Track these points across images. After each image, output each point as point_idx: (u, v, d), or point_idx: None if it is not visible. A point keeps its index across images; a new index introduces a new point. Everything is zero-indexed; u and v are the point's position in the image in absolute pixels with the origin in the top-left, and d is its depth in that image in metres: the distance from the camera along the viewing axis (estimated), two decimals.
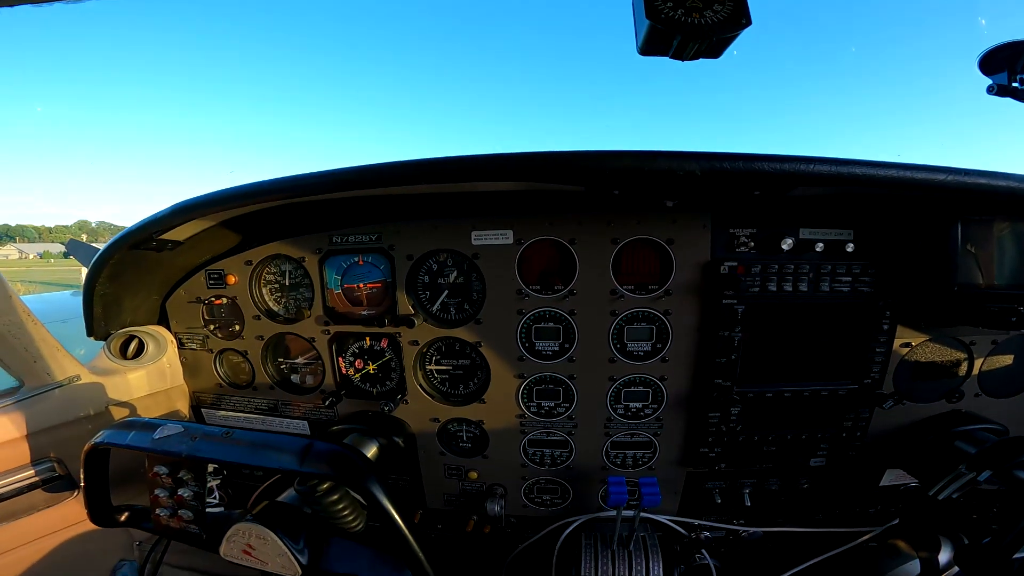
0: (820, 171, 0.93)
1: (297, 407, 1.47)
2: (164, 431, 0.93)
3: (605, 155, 0.93)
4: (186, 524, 0.99)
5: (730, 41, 0.76)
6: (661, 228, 1.18)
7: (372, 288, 1.34)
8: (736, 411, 1.21)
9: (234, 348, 1.46)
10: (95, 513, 1.03)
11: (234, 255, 1.39)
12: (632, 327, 1.23)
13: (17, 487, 1.17)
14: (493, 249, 1.24)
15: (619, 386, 1.27)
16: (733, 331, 1.17)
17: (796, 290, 1.16)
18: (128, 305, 1.39)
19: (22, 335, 1.16)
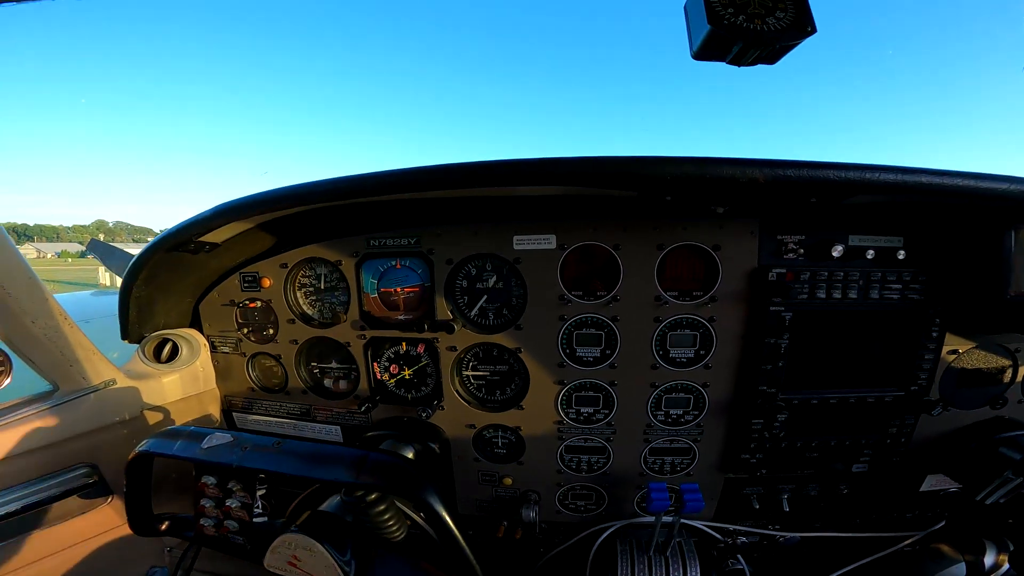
0: (885, 180, 0.91)
1: (330, 412, 1.45)
2: (213, 440, 0.92)
3: (666, 160, 0.91)
4: (232, 535, 0.98)
5: (790, 48, 0.74)
6: (708, 234, 1.16)
7: (409, 292, 1.32)
8: (782, 418, 1.19)
9: (267, 352, 1.44)
10: (136, 522, 1.01)
11: (269, 258, 1.37)
12: (675, 334, 1.22)
13: (52, 493, 1.15)
14: (535, 254, 1.22)
15: (660, 393, 1.26)
16: (780, 338, 1.15)
17: (845, 297, 1.14)
18: (162, 308, 1.38)
19: (58, 338, 1.15)
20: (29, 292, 1.08)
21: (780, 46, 0.73)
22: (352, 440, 1.45)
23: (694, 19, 0.74)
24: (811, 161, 0.91)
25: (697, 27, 0.73)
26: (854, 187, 0.93)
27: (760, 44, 0.72)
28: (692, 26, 0.75)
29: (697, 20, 0.73)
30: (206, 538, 0.99)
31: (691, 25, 0.75)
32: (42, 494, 1.14)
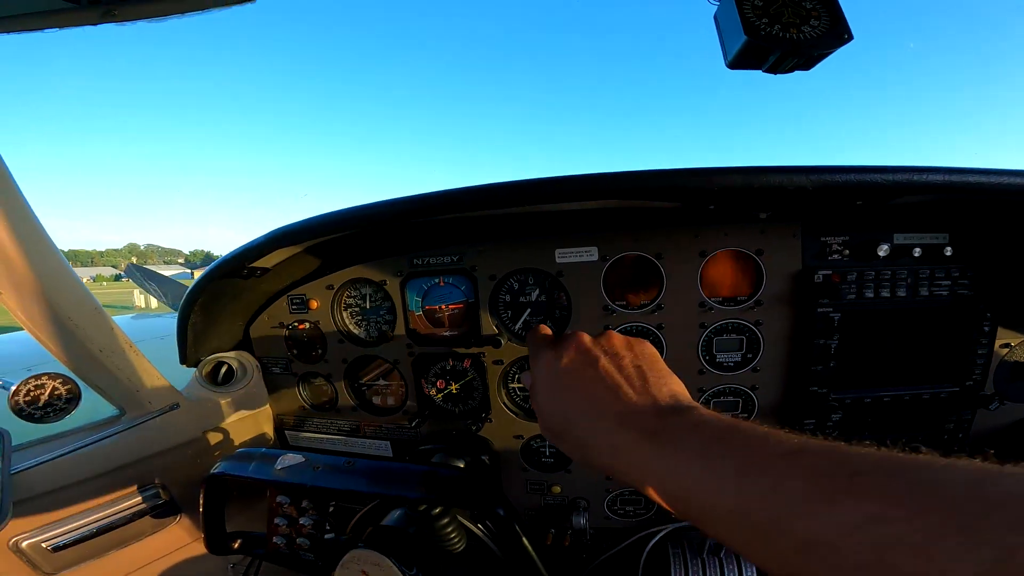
0: (933, 181, 0.92)
1: (379, 427, 1.49)
2: (286, 461, 0.95)
3: (712, 172, 0.93)
4: (303, 552, 1.01)
5: (827, 54, 0.75)
6: (750, 239, 1.17)
7: (454, 309, 1.35)
8: (836, 417, 1.19)
9: (317, 371, 1.48)
10: (212, 542, 1.05)
11: (315, 280, 1.41)
12: (721, 338, 1.23)
13: (126, 515, 1.20)
14: (578, 267, 1.24)
15: (708, 397, 1.26)
16: (830, 339, 1.15)
17: (894, 296, 1.14)
18: (215, 332, 1.43)
19: (124, 365, 1.20)
20: (95, 322, 1.13)
21: (818, 53, 0.74)
22: (402, 454, 1.48)
23: (727, 29, 0.75)
24: (858, 166, 0.92)
25: (731, 37, 0.74)
26: (902, 190, 0.93)
27: (799, 53, 0.73)
28: (725, 36, 0.76)
29: (731, 30, 0.74)
30: (279, 555, 1.03)
31: (724, 35, 0.77)
32: (117, 515, 1.18)
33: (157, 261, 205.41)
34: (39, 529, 1.09)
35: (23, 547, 1.06)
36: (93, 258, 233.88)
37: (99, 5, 0.79)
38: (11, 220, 0.92)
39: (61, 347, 1.10)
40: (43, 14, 0.79)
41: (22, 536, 1.06)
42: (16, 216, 0.93)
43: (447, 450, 1.36)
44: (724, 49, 0.77)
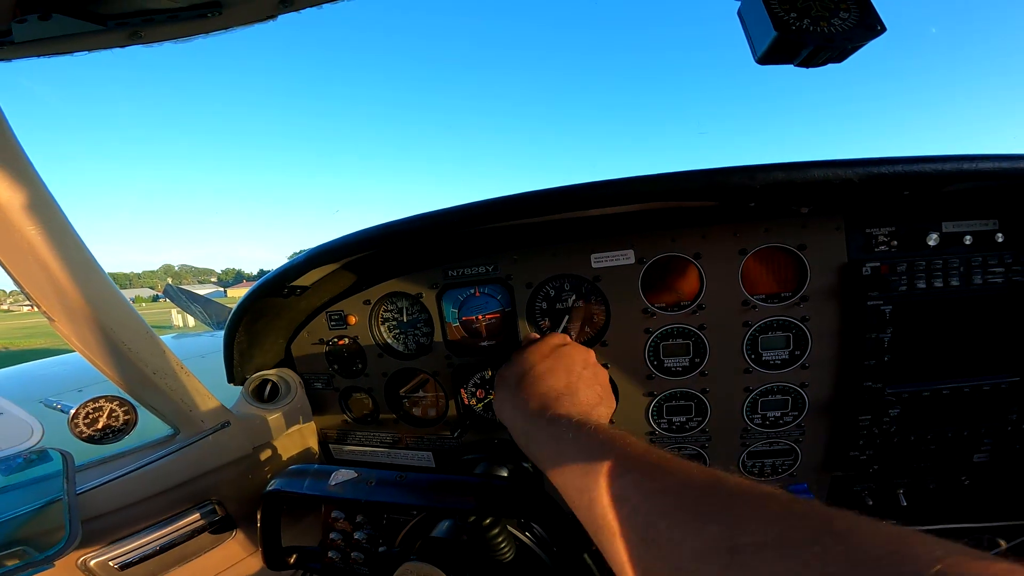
0: (984, 168, 0.89)
1: (420, 439, 1.50)
2: (339, 477, 0.97)
3: (754, 169, 0.91)
4: (357, 565, 1.03)
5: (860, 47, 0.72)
6: (791, 234, 1.14)
7: (491, 319, 1.35)
8: (894, 412, 1.15)
9: (358, 386, 1.50)
10: (270, 558, 1.08)
11: (352, 295, 1.43)
12: (767, 336, 1.20)
13: (188, 530, 1.24)
14: (615, 270, 1.23)
15: (756, 396, 1.24)
16: (882, 332, 1.12)
17: (947, 285, 1.10)
18: (259, 350, 1.46)
19: (177, 386, 1.24)
20: (147, 345, 1.17)
21: (851, 47, 0.71)
22: (445, 465, 1.49)
23: (753, 25, 0.73)
24: (905, 157, 0.90)
25: (759, 33, 0.72)
26: (952, 178, 0.91)
27: (831, 47, 0.71)
28: (752, 32, 0.74)
29: (758, 26, 0.72)
30: (334, 569, 1.05)
31: (750, 31, 0.74)
32: (178, 532, 1.22)
33: (191, 281, 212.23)
34: (106, 548, 1.13)
35: (91, 566, 1.10)
36: (131, 280, 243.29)
37: (126, 27, 0.82)
38: (61, 248, 0.96)
39: (116, 370, 1.14)
40: (72, 37, 0.82)
41: (90, 555, 1.11)
42: (66, 243, 0.97)
43: (490, 459, 1.37)
44: (752, 45, 0.75)
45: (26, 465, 1.11)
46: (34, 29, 0.77)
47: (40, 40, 0.82)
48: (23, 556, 0.91)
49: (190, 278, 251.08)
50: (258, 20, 0.89)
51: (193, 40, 0.92)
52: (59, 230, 0.95)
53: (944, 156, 0.89)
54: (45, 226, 0.92)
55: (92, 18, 0.78)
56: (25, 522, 0.99)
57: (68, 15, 0.75)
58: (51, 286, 0.98)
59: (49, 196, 0.92)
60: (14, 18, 0.73)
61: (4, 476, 1.09)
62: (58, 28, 0.78)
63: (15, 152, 0.85)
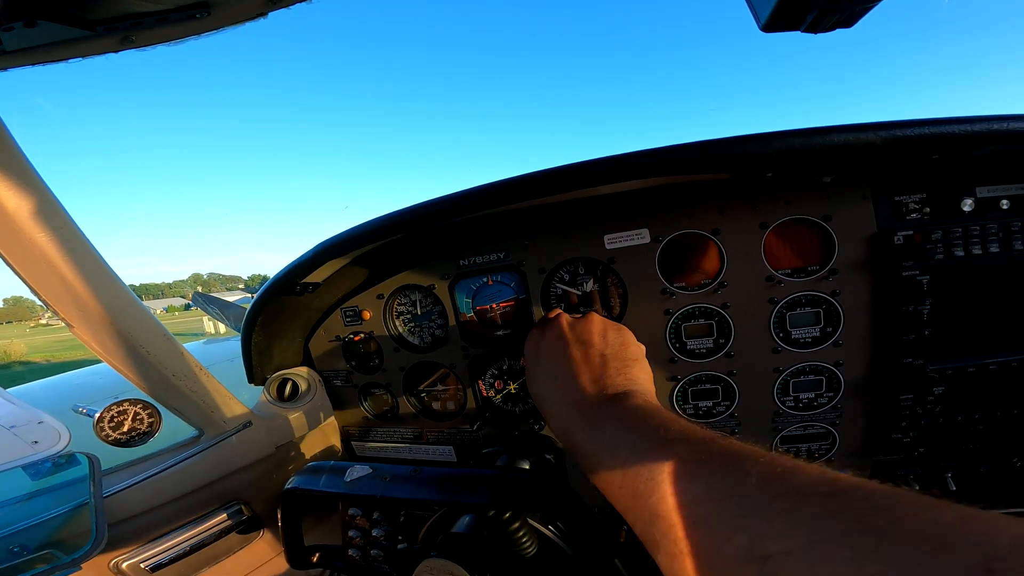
0: (1016, 128, 0.82)
1: (440, 433, 1.48)
2: (354, 473, 0.95)
3: (769, 136, 0.86)
4: (378, 563, 1.01)
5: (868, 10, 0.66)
6: (814, 205, 1.08)
7: (505, 307, 1.32)
8: (939, 390, 1.08)
9: (376, 381, 1.49)
10: (293, 556, 1.08)
11: (365, 290, 1.42)
12: (795, 313, 1.13)
13: (216, 531, 1.25)
14: (630, 251, 1.18)
15: (787, 377, 1.17)
16: (921, 304, 1.04)
17: (986, 252, 1.02)
18: (277, 350, 1.47)
19: (198, 388, 1.25)
20: (165, 349, 1.19)
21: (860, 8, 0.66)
22: (466, 458, 1.47)
23: None
24: (931, 119, 0.84)
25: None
26: (983, 140, 0.84)
27: (839, 9, 0.65)
28: None
29: None
30: (355, 567, 1.04)
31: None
32: (206, 533, 1.24)
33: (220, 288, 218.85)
34: (136, 550, 1.15)
35: (123, 568, 1.12)
36: (163, 290, 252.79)
37: (115, 32, 0.81)
38: (73, 254, 0.96)
39: (137, 374, 1.15)
40: (62, 44, 0.81)
41: (122, 557, 1.13)
42: (77, 249, 0.97)
43: (511, 451, 1.34)
44: (755, 12, 0.70)
45: (54, 470, 1.14)
46: (22, 37, 0.76)
47: (31, 48, 0.82)
48: (51, 559, 0.93)
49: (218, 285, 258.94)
50: (248, 19, 0.87)
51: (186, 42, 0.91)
52: (70, 236, 0.96)
53: (973, 117, 0.83)
54: (55, 232, 0.93)
55: (79, 23, 0.77)
56: (54, 526, 1.01)
57: (54, 21, 0.74)
58: (66, 292, 0.99)
59: (56, 202, 0.93)
60: (0, 27, 0.73)
61: (33, 480, 1.12)
62: (47, 35, 0.78)
63: (18, 160, 0.86)
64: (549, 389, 0.84)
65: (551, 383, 0.84)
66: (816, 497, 0.41)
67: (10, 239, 0.88)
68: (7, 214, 0.85)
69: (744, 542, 0.41)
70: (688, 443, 0.55)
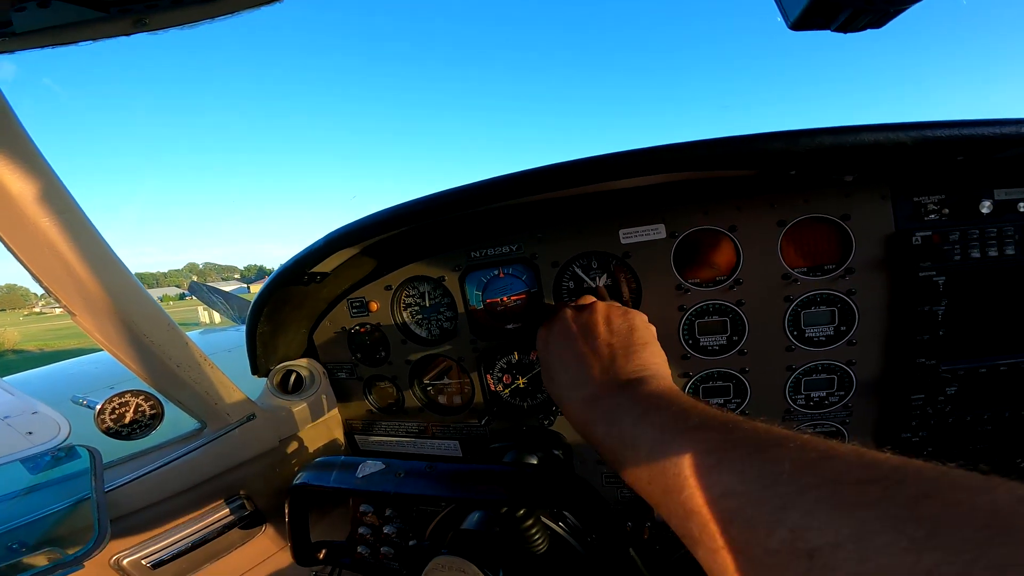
0: None
1: (446, 427, 1.47)
2: (366, 469, 0.93)
3: (798, 134, 0.85)
4: (388, 560, 1.00)
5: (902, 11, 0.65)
6: (833, 204, 1.07)
7: (516, 300, 1.31)
8: (951, 390, 1.08)
9: (381, 374, 1.47)
10: (299, 553, 1.06)
11: (373, 281, 1.40)
12: (810, 311, 1.13)
13: (219, 526, 1.23)
14: (645, 246, 1.17)
15: (799, 375, 1.17)
16: (936, 305, 1.04)
17: (1002, 254, 1.02)
18: (282, 341, 1.44)
19: (202, 379, 1.22)
20: (170, 338, 1.15)
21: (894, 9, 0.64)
22: (472, 454, 1.46)
23: None
24: (960, 120, 0.84)
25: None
26: (1010, 143, 0.84)
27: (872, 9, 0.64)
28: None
29: None
30: (364, 565, 1.02)
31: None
32: (209, 528, 1.21)
33: (215, 278, 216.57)
34: (138, 546, 1.12)
35: (124, 564, 1.10)
36: (157, 280, 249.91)
37: (129, 13, 0.78)
38: (78, 240, 0.93)
39: (140, 364, 1.12)
40: (74, 25, 0.78)
41: (123, 553, 1.10)
42: (82, 235, 0.94)
43: (518, 447, 1.33)
44: (783, 9, 0.69)
45: (54, 463, 1.11)
46: (35, 18, 0.73)
47: (42, 30, 0.79)
48: (52, 556, 0.90)
49: (214, 275, 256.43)
50: (265, 2, 0.84)
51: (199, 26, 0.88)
52: (75, 222, 0.92)
53: (1002, 120, 0.83)
54: (60, 217, 0.89)
55: (93, 4, 0.74)
56: (54, 521, 0.98)
57: (68, 1, 0.71)
58: (70, 279, 0.96)
59: (62, 187, 0.89)
60: (13, 6, 0.70)
61: (32, 474, 1.08)
62: (59, 16, 0.75)
63: (24, 144, 0.82)
64: (562, 386, 0.81)
65: (563, 380, 0.81)
66: (858, 485, 0.39)
67: (12, 223, 0.85)
68: (10, 197, 0.82)
69: (786, 536, 0.39)
70: (711, 430, 0.53)
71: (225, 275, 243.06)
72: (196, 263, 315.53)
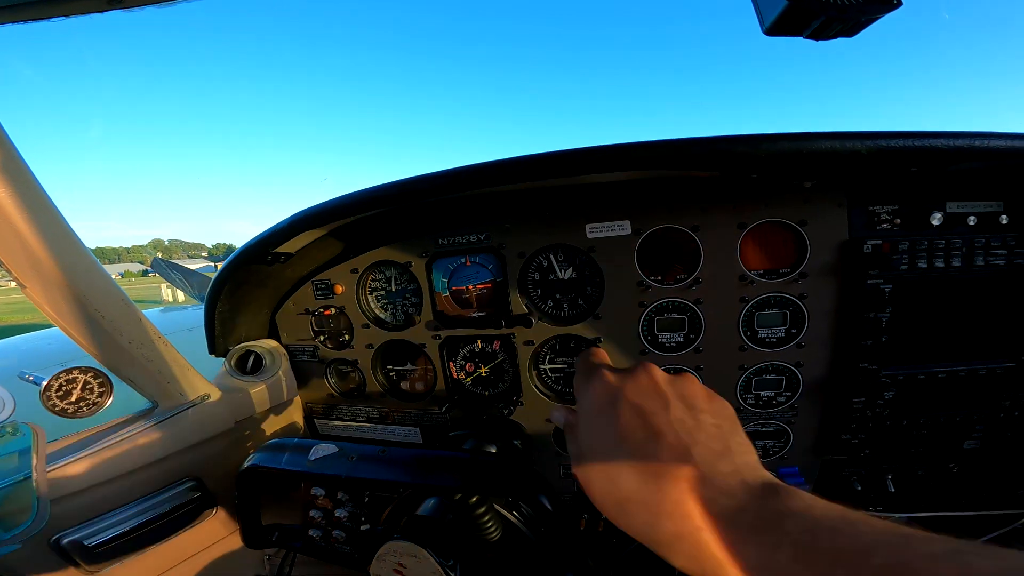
0: (995, 146, 0.86)
1: (408, 414, 1.47)
2: (319, 452, 0.93)
3: (760, 138, 0.87)
4: (339, 544, 1.00)
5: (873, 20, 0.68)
6: (792, 209, 1.10)
7: (482, 289, 1.31)
8: (889, 395, 1.13)
9: (344, 358, 1.46)
10: (249, 536, 1.05)
11: (339, 264, 1.39)
12: (763, 313, 1.17)
13: (164, 509, 1.20)
14: (610, 241, 1.19)
15: (750, 375, 1.21)
16: (881, 312, 1.09)
17: (948, 266, 1.07)
18: (242, 320, 1.42)
19: (154, 357, 1.19)
20: (124, 314, 1.12)
21: (865, 19, 0.67)
22: (433, 441, 1.47)
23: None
24: (915, 131, 0.86)
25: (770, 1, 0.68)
26: (962, 155, 0.87)
27: (843, 19, 0.66)
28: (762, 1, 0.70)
29: None
30: (315, 548, 1.02)
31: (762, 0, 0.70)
32: (156, 510, 1.19)
33: (181, 255, 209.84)
34: (80, 526, 1.09)
35: (64, 545, 1.07)
36: (120, 255, 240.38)
37: None
38: (33, 211, 0.89)
39: (90, 340, 1.09)
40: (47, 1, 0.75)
41: (63, 534, 1.07)
42: (38, 207, 0.90)
43: (478, 435, 1.34)
44: (760, 14, 0.71)
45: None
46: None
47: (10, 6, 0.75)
48: None
49: (180, 252, 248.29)
50: None
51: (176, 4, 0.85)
52: (28, 191, 0.88)
53: (956, 132, 0.86)
54: (14, 186, 0.85)
55: None
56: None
57: None
58: (22, 249, 0.92)
59: (19, 158, 0.85)
60: None
61: None
62: None
63: None
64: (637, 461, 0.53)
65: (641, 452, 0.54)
66: None
67: None
68: None
69: None
70: None
71: (192, 253, 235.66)
72: (162, 239, 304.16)
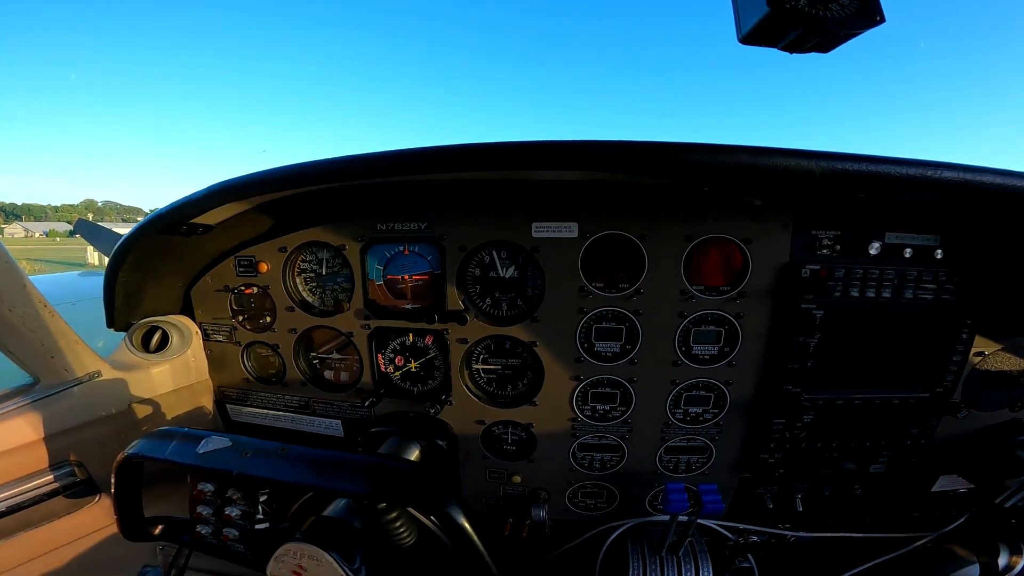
0: (946, 178, 0.86)
1: (330, 405, 1.38)
2: (210, 444, 0.84)
3: (718, 148, 0.84)
4: (232, 543, 0.91)
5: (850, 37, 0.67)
6: (739, 226, 1.10)
7: (418, 280, 1.25)
8: (808, 418, 1.16)
9: (264, 341, 1.36)
10: (127, 528, 0.94)
11: (267, 241, 1.28)
12: (700, 329, 1.16)
13: (36, 494, 1.07)
14: (555, 243, 1.15)
15: (681, 390, 1.21)
16: (810, 337, 1.11)
17: (879, 296, 1.10)
18: (151, 294, 1.28)
19: (38, 328, 1.06)
20: (6, 277, 0.99)
21: (843, 34, 0.66)
22: (354, 435, 1.39)
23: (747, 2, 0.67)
24: (871, 156, 0.86)
25: (749, 9, 0.66)
26: (914, 185, 0.87)
27: (822, 32, 0.65)
28: (742, 7, 0.68)
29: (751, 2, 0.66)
30: (205, 544, 0.93)
31: (740, 6, 0.68)
32: (26, 495, 1.06)
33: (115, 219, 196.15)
34: None
35: None
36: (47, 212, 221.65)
37: None
38: None
39: None
40: None
41: None
42: None
43: (402, 433, 1.28)
44: (738, 22, 0.69)
45: None
46: None
47: None
48: None
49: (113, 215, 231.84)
50: None
51: None
52: None
53: (909, 160, 0.86)
54: None
55: None
56: None
57: None
58: None
59: None
60: None
61: None
62: None
63: None
64: None
65: None
66: None
67: None
68: None
69: None
70: None
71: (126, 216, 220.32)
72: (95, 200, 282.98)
